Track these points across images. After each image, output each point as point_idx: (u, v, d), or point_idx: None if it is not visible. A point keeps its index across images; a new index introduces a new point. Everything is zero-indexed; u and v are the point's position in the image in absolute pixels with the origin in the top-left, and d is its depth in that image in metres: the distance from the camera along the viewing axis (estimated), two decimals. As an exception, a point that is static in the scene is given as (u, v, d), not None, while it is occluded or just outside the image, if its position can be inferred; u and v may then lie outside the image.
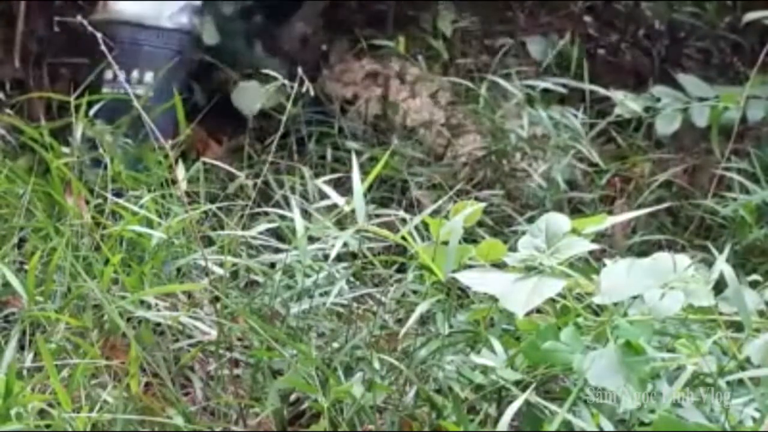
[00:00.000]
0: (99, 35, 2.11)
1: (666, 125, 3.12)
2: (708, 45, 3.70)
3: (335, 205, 1.96)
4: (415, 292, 1.99)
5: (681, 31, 3.71)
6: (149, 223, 2.12)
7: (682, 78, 3.23)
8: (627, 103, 3.11)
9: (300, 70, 2.12)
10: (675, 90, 3.19)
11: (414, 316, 1.84)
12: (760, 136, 3.17)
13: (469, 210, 1.87)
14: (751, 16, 3.14)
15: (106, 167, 2.27)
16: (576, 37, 3.40)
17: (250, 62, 3.19)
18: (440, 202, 2.06)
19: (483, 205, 1.93)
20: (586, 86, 3.13)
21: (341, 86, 3.33)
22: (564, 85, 3.17)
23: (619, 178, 3.05)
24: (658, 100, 3.17)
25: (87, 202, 2.29)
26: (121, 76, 2.30)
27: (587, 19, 3.72)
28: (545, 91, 3.15)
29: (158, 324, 1.99)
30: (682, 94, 3.17)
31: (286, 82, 2.11)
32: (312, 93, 2.09)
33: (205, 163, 2.32)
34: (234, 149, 3.02)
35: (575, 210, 2.85)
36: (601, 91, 3.16)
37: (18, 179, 2.37)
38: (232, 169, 2.24)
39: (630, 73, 3.60)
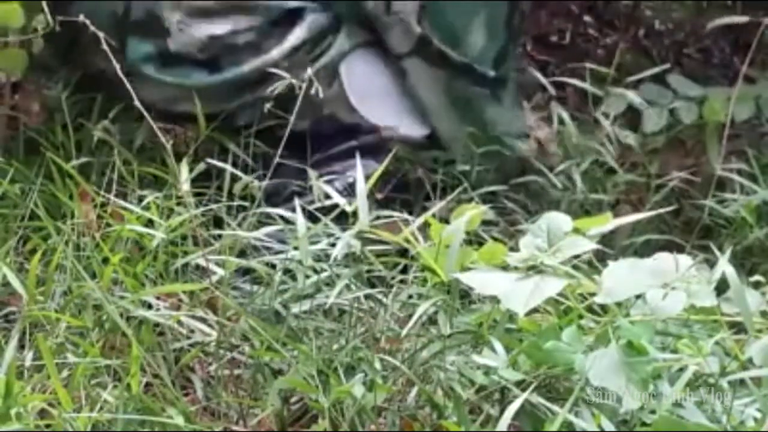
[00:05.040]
0: None
1: (652, 124, 3.13)
2: (708, 45, 3.70)
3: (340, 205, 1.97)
4: (420, 296, 1.99)
5: (681, 31, 3.71)
6: (152, 224, 2.11)
7: (672, 78, 3.25)
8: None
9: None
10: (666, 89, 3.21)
11: (415, 317, 1.84)
12: (758, 136, 3.17)
13: (471, 213, 1.87)
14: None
15: None
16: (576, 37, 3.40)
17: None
18: (444, 202, 2.05)
19: (485, 208, 1.93)
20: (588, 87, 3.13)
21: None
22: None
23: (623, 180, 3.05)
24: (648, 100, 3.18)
25: (93, 200, 2.28)
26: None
27: (587, 19, 3.72)
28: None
29: (157, 324, 1.98)
30: (671, 93, 3.18)
31: (295, 81, 2.09)
32: (321, 95, 2.07)
33: (209, 164, 2.30)
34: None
35: (585, 212, 2.83)
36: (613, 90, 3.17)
37: (24, 179, 2.37)
38: (236, 171, 2.24)
39: (630, 73, 3.60)
